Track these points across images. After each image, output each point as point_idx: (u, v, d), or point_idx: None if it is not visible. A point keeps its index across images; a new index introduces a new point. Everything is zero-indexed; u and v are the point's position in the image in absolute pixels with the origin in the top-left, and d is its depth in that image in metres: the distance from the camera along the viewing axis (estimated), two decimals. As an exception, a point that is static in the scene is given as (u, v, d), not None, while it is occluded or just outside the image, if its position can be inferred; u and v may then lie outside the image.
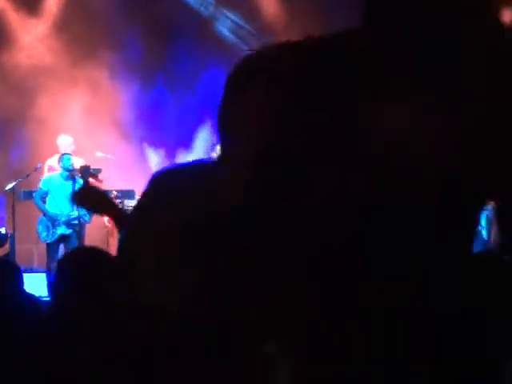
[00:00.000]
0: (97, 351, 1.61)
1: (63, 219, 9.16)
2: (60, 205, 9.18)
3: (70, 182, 9.15)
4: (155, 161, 11.84)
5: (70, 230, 9.19)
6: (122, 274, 1.54)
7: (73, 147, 10.04)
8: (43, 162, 10.34)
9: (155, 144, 11.93)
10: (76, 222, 9.24)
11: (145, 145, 11.95)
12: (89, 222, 9.53)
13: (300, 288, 1.37)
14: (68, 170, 9.17)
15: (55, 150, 10.31)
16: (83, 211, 9.30)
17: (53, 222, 9.18)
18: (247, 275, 1.40)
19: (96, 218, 9.54)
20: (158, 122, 11.94)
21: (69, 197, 9.08)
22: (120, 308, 1.53)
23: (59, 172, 9.30)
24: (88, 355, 1.65)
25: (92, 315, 1.68)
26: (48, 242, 9.28)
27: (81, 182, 9.33)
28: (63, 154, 9.37)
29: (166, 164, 11.56)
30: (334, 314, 1.36)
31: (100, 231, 10.16)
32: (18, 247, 9.84)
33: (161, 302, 1.43)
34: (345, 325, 1.36)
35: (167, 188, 1.52)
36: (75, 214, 9.16)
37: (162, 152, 11.92)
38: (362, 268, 1.37)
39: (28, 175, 9.98)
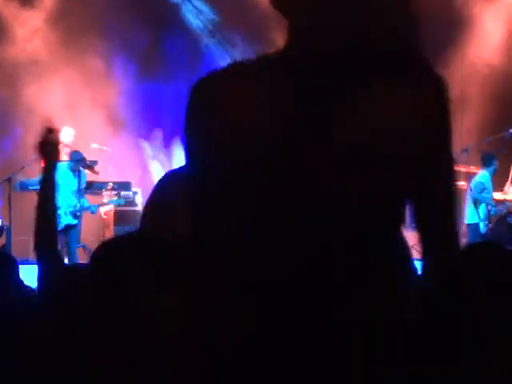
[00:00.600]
0: (100, 350, 1.62)
1: (70, 210, 9.11)
2: (65, 195, 9.12)
3: (75, 174, 9.13)
4: (150, 153, 11.84)
5: (76, 221, 9.16)
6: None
7: (72, 139, 10.02)
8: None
9: (150, 136, 11.92)
10: (79, 213, 9.21)
11: (140, 137, 11.94)
12: (95, 213, 9.52)
13: (300, 288, 1.38)
14: (76, 162, 9.13)
15: (51, 141, 10.25)
16: (88, 204, 9.30)
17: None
18: (246, 274, 1.41)
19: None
20: (153, 114, 11.93)
21: (74, 188, 9.10)
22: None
23: (65, 163, 9.21)
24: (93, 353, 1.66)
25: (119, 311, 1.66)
26: None
27: (85, 173, 9.33)
28: (77, 153, 9.29)
29: (160, 156, 11.58)
30: (333, 314, 1.37)
31: (96, 223, 10.15)
32: (13, 238, 9.74)
33: (160, 303, 1.43)
34: (345, 324, 1.36)
35: (170, 190, 1.53)
36: (78, 205, 9.15)
37: (157, 144, 11.91)
38: (361, 268, 1.38)
39: (23, 167, 9.90)
